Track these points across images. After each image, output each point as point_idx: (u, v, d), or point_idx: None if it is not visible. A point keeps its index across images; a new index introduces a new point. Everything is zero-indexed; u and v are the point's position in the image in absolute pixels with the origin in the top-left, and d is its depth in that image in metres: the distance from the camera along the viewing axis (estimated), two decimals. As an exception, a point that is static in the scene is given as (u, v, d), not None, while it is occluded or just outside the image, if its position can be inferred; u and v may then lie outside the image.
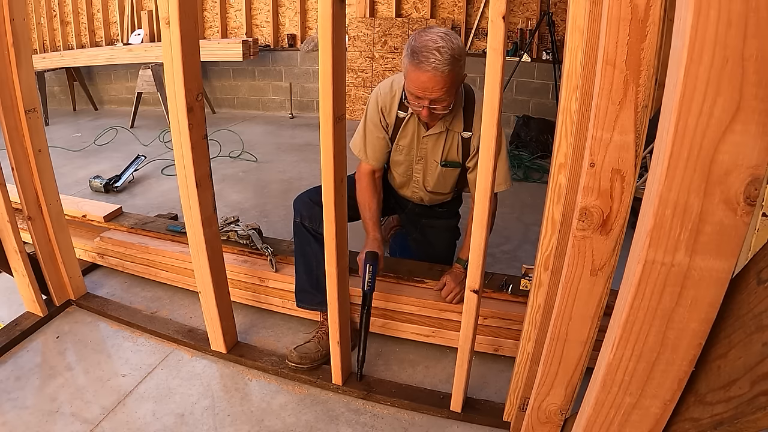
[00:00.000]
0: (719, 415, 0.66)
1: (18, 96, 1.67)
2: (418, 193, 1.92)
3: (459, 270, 1.76)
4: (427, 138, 1.74)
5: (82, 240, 2.27)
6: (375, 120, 1.75)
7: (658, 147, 0.65)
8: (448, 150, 1.76)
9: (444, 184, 1.86)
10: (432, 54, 1.43)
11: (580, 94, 0.99)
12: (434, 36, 1.46)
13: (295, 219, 1.78)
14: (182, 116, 1.37)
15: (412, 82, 1.50)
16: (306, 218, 1.74)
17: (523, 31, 4.75)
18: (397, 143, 1.79)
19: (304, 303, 1.82)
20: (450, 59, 1.44)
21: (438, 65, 1.44)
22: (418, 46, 1.46)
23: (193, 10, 1.30)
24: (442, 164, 1.78)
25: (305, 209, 1.74)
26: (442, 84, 1.48)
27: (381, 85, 1.76)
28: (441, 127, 1.71)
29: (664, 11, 0.75)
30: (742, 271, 0.69)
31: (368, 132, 1.77)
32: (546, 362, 1.07)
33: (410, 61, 1.48)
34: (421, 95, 1.52)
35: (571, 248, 0.92)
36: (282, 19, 5.51)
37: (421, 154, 1.79)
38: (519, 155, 4.00)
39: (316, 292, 1.76)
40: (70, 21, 5.93)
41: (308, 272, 1.77)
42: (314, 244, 1.74)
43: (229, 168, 3.83)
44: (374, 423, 1.54)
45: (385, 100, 1.72)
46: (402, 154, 1.81)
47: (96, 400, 1.60)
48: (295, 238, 1.80)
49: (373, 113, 1.75)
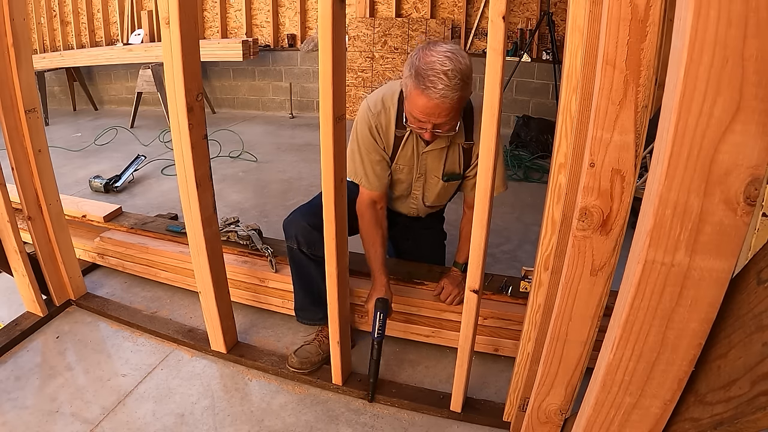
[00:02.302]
0: (719, 415, 0.66)
1: (18, 96, 1.67)
2: (415, 209, 1.83)
3: (456, 273, 1.74)
4: (426, 154, 1.63)
5: (82, 240, 2.27)
6: (368, 142, 1.60)
7: (658, 147, 0.65)
8: (449, 163, 1.66)
9: (443, 197, 1.80)
10: (440, 80, 1.31)
11: (580, 94, 0.99)
12: (441, 57, 1.32)
13: (290, 245, 1.68)
14: (182, 116, 1.37)
15: (417, 107, 1.39)
16: (303, 244, 1.64)
17: (523, 31, 4.75)
18: (396, 163, 1.66)
19: (305, 320, 1.82)
20: (459, 84, 1.32)
21: (446, 92, 1.32)
22: (424, 68, 1.33)
23: (193, 10, 1.30)
24: (444, 179, 1.68)
25: (302, 235, 1.63)
26: (450, 110, 1.38)
27: (369, 103, 1.60)
28: (443, 143, 1.59)
29: (664, 11, 0.75)
30: (742, 271, 0.69)
31: (364, 155, 1.61)
32: (546, 362, 1.07)
33: (415, 85, 1.35)
34: (424, 120, 1.41)
35: (571, 248, 0.92)
36: (282, 19, 5.51)
37: (421, 170, 1.68)
38: (519, 155, 4.00)
39: (317, 308, 1.74)
40: (70, 21, 5.93)
41: (308, 292, 1.75)
42: (313, 267, 1.68)
43: (229, 168, 3.83)
44: (374, 423, 1.54)
45: (379, 120, 1.58)
46: (403, 173, 1.69)
47: (96, 400, 1.60)
48: (290, 261, 1.73)
49: (365, 136, 1.59)
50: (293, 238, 1.66)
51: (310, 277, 1.72)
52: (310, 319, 1.80)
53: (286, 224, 1.69)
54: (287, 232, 1.68)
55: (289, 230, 1.67)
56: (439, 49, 1.35)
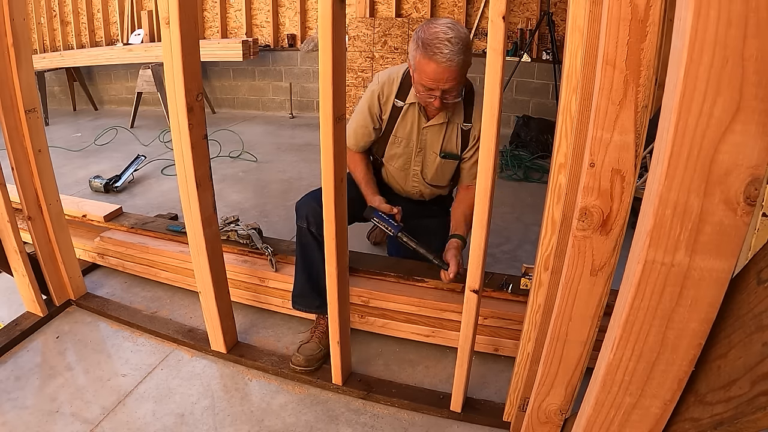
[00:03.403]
0: (719, 415, 0.66)
1: (18, 96, 1.67)
2: (419, 187, 1.92)
3: (458, 243, 1.73)
4: (427, 129, 1.76)
5: (82, 240, 2.27)
6: (366, 108, 1.78)
7: (658, 147, 0.65)
8: (447, 141, 1.77)
9: (442, 176, 1.87)
10: (445, 45, 1.46)
11: (580, 94, 0.99)
12: (443, 27, 1.48)
13: (300, 224, 1.73)
14: (182, 116, 1.37)
15: (425, 74, 1.52)
16: (313, 224, 1.70)
17: (523, 31, 4.75)
18: (394, 135, 1.79)
19: (300, 306, 1.81)
20: (462, 48, 1.47)
21: (452, 57, 1.46)
22: (429, 38, 1.48)
23: (193, 10, 1.30)
24: (442, 156, 1.79)
25: (313, 215, 1.69)
26: (456, 74, 1.51)
27: (379, 76, 1.78)
28: (443, 118, 1.72)
29: (664, 11, 0.75)
30: (742, 271, 0.69)
31: (358, 116, 1.82)
32: (546, 362, 1.07)
33: (423, 54, 1.50)
34: (433, 86, 1.54)
35: (571, 248, 0.92)
36: (282, 19, 5.51)
37: (421, 145, 1.80)
38: (519, 155, 3.99)
39: (316, 296, 1.75)
40: (70, 21, 5.93)
41: (309, 276, 1.76)
42: (317, 250, 1.70)
43: (229, 168, 3.83)
44: (374, 423, 1.54)
45: (383, 89, 1.75)
46: (401, 147, 1.82)
47: (96, 400, 1.60)
48: (297, 242, 1.77)
49: (366, 100, 1.78)
50: (304, 217, 1.73)
51: (313, 260, 1.74)
52: (307, 305, 1.80)
53: (299, 205, 1.77)
54: (299, 212, 1.76)
55: (300, 210, 1.75)
56: (440, 22, 1.52)
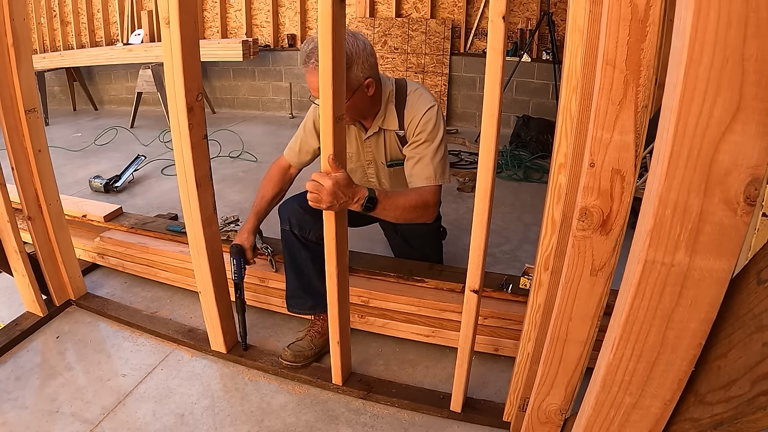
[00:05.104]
0: (719, 415, 0.66)
1: (18, 96, 1.67)
2: None
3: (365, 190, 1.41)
4: (368, 140, 1.75)
5: (82, 240, 2.27)
6: (311, 124, 1.77)
7: (658, 147, 0.65)
8: (389, 150, 1.75)
9: (401, 184, 1.78)
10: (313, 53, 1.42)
11: (580, 94, 0.99)
12: None
13: (283, 226, 1.74)
14: (182, 116, 1.37)
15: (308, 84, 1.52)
16: (296, 226, 1.71)
17: (523, 31, 4.75)
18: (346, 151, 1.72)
19: (295, 308, 1.81)
20: None
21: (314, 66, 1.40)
22: (311, 48, 1.46)
23: (193, 10, 1.30)
24: (388, 165, 1.78)
25: (294, 217, 1.70)
26: None
27: None
28: (375, 127, 1.70)
29: (664, 11, 0.75)
30: (742, 271, 0.69)
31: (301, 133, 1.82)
32: (546, 362, 1.07)
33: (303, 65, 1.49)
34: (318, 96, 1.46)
35: (571, 248, 0.92)
36: (282, 19, 5.51)
37: (368, 157, 1.80)
38: (519, 155, 3.99)
39: (308, 296, 1.76)
40: (70, 21, 5.93)
41: (299, 278, 1.76)
42: (304, 251, 1.72)
43: (229, 168, 3.83)
44: (374, 423, 1.54)
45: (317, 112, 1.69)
46: (352, 161, 1.82)
47: (96, 400, 1.60)
48: (284, 246, 1.77)
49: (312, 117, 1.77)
50: (286, 220, 1.73)
51: (301, 262, 1.74)
52: (300, 307, 1.80)
53: (281, 208, 1.77)
54: (281, 215, 1.75)
55: (283, 213, 1.75)
56: None
